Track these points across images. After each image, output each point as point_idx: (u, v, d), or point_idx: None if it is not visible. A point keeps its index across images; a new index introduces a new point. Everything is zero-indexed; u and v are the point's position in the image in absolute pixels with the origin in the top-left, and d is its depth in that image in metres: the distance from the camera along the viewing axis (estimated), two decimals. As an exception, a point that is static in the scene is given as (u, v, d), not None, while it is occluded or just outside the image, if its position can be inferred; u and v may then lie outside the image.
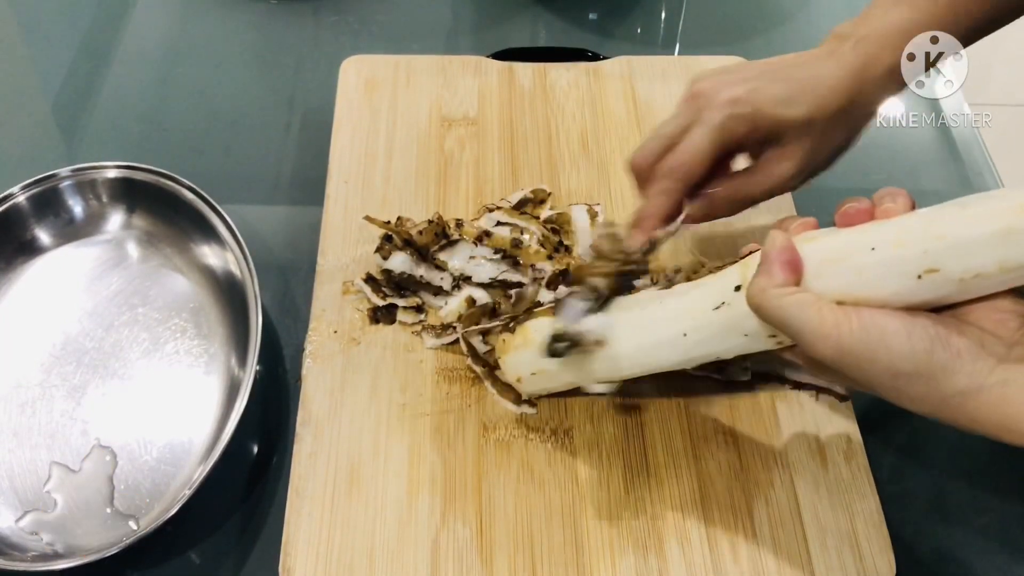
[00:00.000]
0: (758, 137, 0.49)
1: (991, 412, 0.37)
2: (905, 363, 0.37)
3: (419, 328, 0.58)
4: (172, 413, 0.56)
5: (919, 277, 0.38)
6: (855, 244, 0.40)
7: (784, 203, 0.65)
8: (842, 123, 0.50)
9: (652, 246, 0.51)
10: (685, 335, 0.46)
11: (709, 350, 0.46)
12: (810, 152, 0.49)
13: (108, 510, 0.52)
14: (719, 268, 0.48)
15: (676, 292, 0.48)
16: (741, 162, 0.52)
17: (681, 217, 0.51)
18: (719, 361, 0.47)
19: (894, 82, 0.50)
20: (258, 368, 0.53)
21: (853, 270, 0.40)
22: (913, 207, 0.42)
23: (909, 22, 0.48)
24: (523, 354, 0.50)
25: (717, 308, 0.44)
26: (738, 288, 0.44)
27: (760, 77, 0.49)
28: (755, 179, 0.50)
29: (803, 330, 0.39)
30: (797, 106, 0.48)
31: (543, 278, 0.58)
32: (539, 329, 0.50)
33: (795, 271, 0.41)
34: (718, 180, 0.51)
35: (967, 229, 0.38)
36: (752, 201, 0.52)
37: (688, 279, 0.50)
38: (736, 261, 0.46)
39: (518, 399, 0.55)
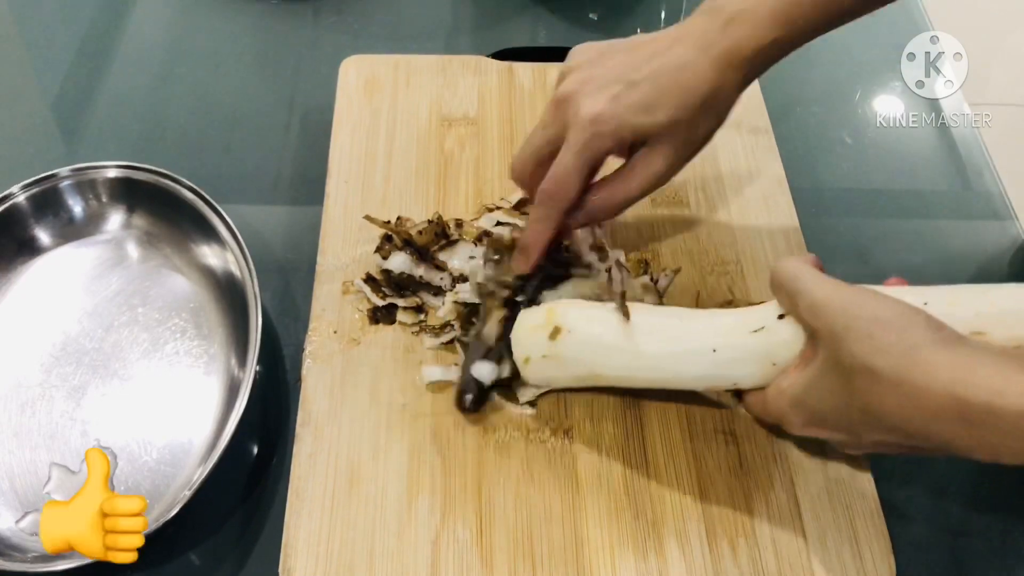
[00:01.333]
0: (623, 145, 0.50)
1: (950, 365, 0.38)
2: (888, 311, 0.40)
3: (418, 329, 0.58)
4: (172, 413, 0.56)
5: None
6: (910, 297, 0.42)
7: (784, 203, 0.65)
8: (708, 114, 0.50)
9: (538, 270, 0.54)
10: (715, 351, 0.48)
11: (732, 371, 0.48)
12: (679, 147, 0.50)
13: (108, 510, 0.52)
14: (753, 304, 0.51)
15: (707, 312, 0.51)
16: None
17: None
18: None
19: (761, 62, 0.50)
20: (258, 368, 0.53)
21: None
22: None
23: (781, 4, 0.48)
24: (539, 335, 0.51)
25: (756, 331, 0.47)
26: (781, 317, 0.46)
27: (620, 79, 0.49)
28: (628, 181, 0.51)
29: (804, 278, 0.44)
30: (660, 111, 0.48)
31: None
32: (565, 314, 0.50)
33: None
34: (595, 186, 0.53)
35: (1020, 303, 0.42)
36: (629, 201, 0.52)
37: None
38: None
39: (518, 401, 0.55)
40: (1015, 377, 0.36)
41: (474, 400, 0.53)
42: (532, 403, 0.55)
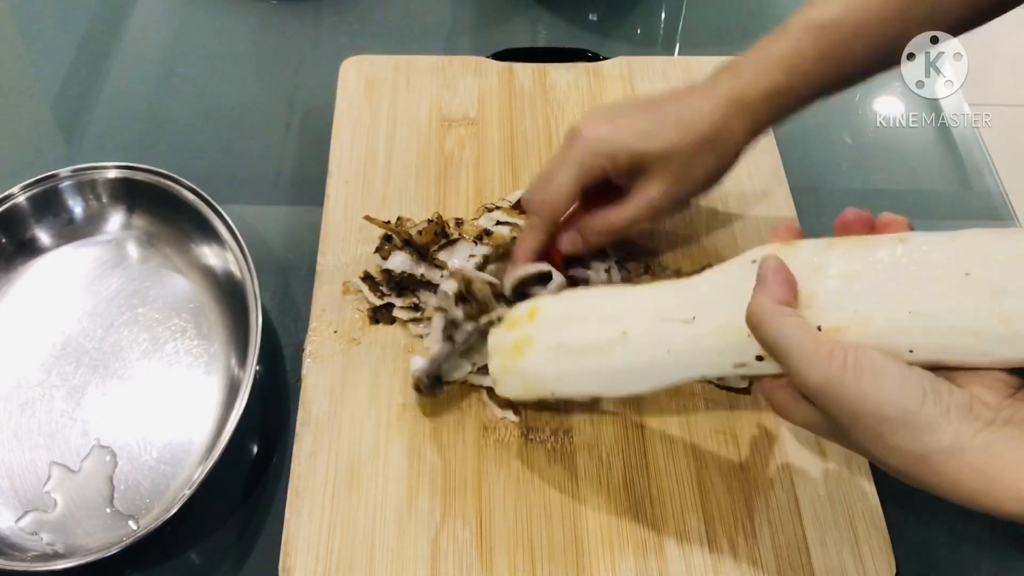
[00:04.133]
0: (619, 171, 0.52)
1: (971, 474, 0.36)
2: (893, 409, 0.36)
3: (419, 333, 0.58)
4: (172, 413, 0.56)
5: (967, 274, 0.39)
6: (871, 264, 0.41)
7: (784, 203, 0.65)
8: (708, 152, 0.51)
9: (520, 284, 0.54)
10: (668, 351, 0.45)
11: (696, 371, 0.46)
12: (674, 181, 0.52)
13: (108, 510, 0.52)
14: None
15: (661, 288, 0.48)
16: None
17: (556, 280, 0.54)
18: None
19: (768, 111, 0.52)
20: (258, 368, 0.53)
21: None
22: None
23: (787, 51, 0.51)
24: (506, 346, 0.50)
25: (738, 366, 0.44)
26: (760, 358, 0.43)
27: (629, 115, 0.52)
28: (622, 208, 0.53)
29: (794, 354, 0.38)
30: (655, 139, 0.51)
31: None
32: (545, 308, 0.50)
33: (792, 288, 0.41)
34: (591, 212, 0.54)
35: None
36: (620, 229, 0.54)
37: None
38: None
39: (504, 404, 0.54)
40: None
41: (428, 385, 0.53)
42: (515, 410, 0.54)
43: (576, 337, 0.47)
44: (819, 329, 0.40)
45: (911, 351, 0.39)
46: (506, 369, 0.49)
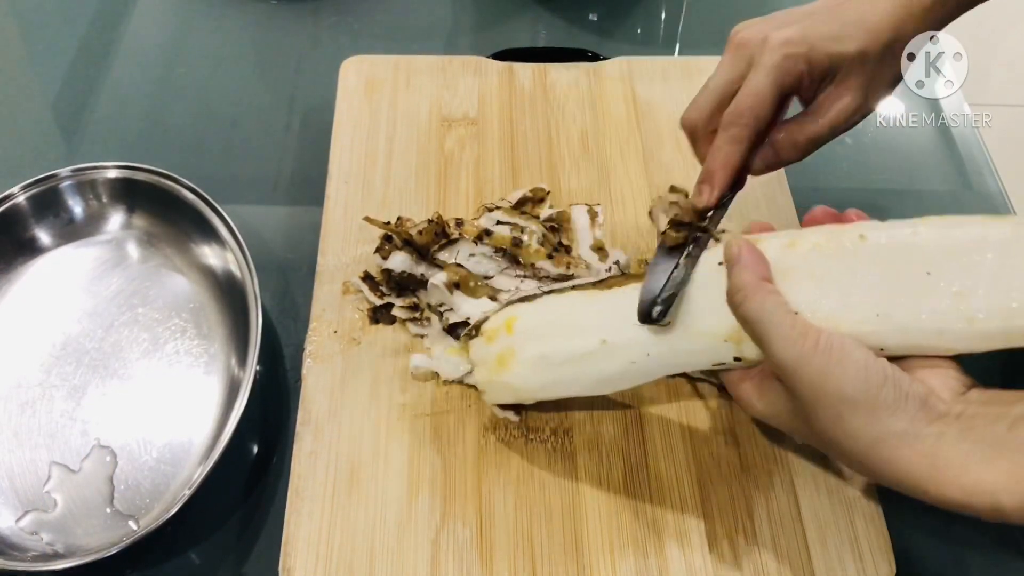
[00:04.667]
0: (814, 76, 0.49)
1: (920, 462, 0.37)
2: (855, 389, 0.38)
3: (419, 333, 0.58)
4: (172, 413, 0.56)
5: (928, 273, 0.41)
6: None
7: (784, 203, 0.65)
8: (893, 55, 0.49)
9: (722, 205, 0.50)
10: (648, 355, 0.47)
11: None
12: (866, 86, 0.49)
13: (108, 510, 0.52)
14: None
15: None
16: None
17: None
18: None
19: (939, 12, 0.49)
20: (258, 368, 0.53)
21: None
22: None
23: None
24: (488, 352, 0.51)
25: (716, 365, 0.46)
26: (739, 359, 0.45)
27: (806, 18, 0.49)
28: (818, 118, 0.49)
29: (772, 331, 0.40)
30: (850, 41, 0.48)
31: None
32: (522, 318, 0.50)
33: (767, 265, 0.43)
34: (776, 128, 0.50)
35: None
36: (818, 142, 0.50)
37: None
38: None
39: (504, 404, 0.54)
40: (983, 476, 0.36)
41: (662, 312, 0.46)
42: (516, 410, 0.54)
43: (557, 349, 0.48)
44: None
45: (881, 349, 0.41)
46: (492, 381, 0.50)
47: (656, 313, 0.45)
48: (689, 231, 0.48)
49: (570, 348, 0.48)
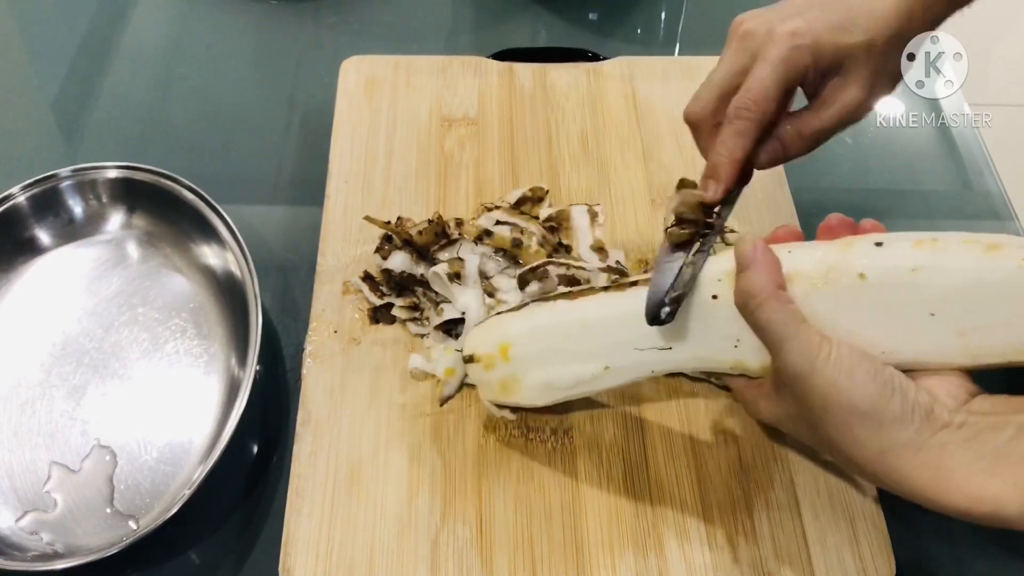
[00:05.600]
0: (820, 68, 0.48)
1: (924, 471, 0.38)
2: (864, 401, 0.39)
3: (419, 333, 0.58)
4: (172, 413, 0.56)
5: (932, 315, 0.42)
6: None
7: (784, 203, 0.65)
8: (898, 46, 0.49)
9: (729, 201, 0.49)
10: (652, 371, 0.48)
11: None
12: (872, 78, 0.48)
13: (108, 510, 0.52)
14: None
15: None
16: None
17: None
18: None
19: (941, 6, 0.49)
20: (258, 368, 0.53)
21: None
22: None
23: None
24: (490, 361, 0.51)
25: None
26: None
27: (811, 8, 0.48)
28: (823, 111, 0.49)
29: (786, 342, 0.41)
30: (856, 31, 0.47)
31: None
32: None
33: (780, 269, 0.43)
34: (782, 121, 0.50)
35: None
36: (824, 135, 0.50)
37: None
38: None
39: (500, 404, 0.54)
40: (986, 485, 0.37)
41: (671, 313, 0.45)
42: (513, 409, 0.54)
43: (561, 376, 0.49)
44: None
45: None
46: (498, 401, 0.52)
47: (664, 315, 0.45)
48: (695, 228, 0.48)
49: (574, 374, 0.49)
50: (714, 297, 0.45)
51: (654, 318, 0.45)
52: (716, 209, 0.49)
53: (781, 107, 0.48)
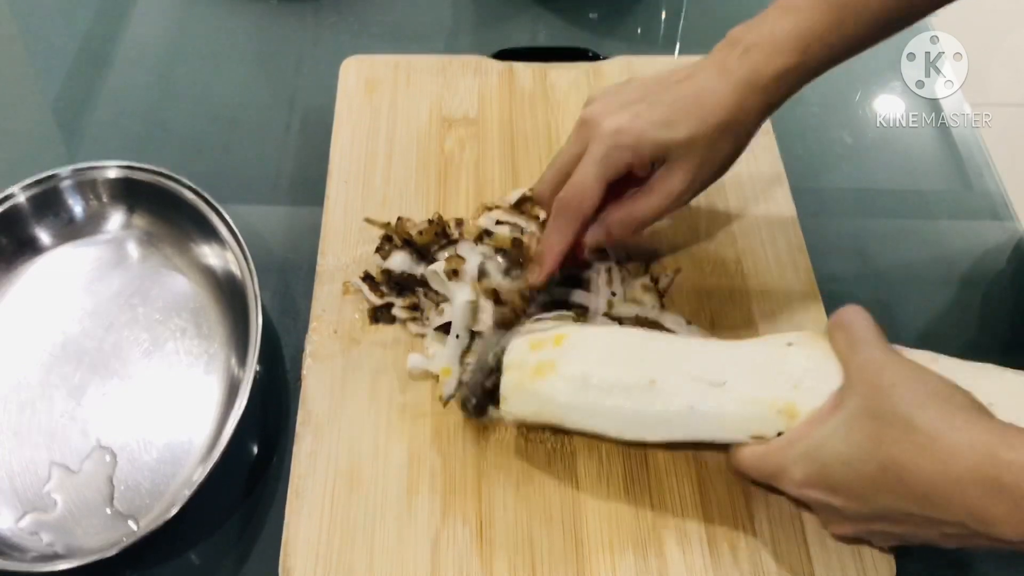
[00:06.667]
0: (643, 162, 0.51)
1: (988, 427, 0.39)
2: (937, 383, 0.41)
3: (419, 333, 0.58)
4: (172, 413, 0.56)
5: None
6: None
7: (784, 203, 0.65)
8: (727, 136, 0.51)
9: (551, 281, 0.55)
10: (691, 407, 0.47)
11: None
12: (696, 168, 0.51)
13: (108, 510, 0.52)
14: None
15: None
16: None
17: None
18: None
19: (780, 89, 0.51)
20: (258, 368, 0.53)
21: None
22: None
23: (798, 29, 0.49)
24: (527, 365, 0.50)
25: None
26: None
27: (643, 100, 0.51)
28: (647, 199, 0.52)
29: (871, 339, 0.44)
30: (678, 128, 0.49)
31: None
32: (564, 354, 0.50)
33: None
34: (613, 204, 0.53)
35: None
36: (647, 221, 0.53)
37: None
38: None
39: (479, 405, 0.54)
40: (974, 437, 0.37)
41: (476, 406, 0.52)
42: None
43: (602, 373, 0.48)
44: None
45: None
46: (521, 387, 0.49)
47: (471, 408, 0.52)
48: (517, 314, 0.54)
49: (615, 376, 0.47)
50: (789, 345, 0.47)
51: (465, 411, 0.53)
52: (536, 290, 0.55)
53: (604, 199, 0.52)
